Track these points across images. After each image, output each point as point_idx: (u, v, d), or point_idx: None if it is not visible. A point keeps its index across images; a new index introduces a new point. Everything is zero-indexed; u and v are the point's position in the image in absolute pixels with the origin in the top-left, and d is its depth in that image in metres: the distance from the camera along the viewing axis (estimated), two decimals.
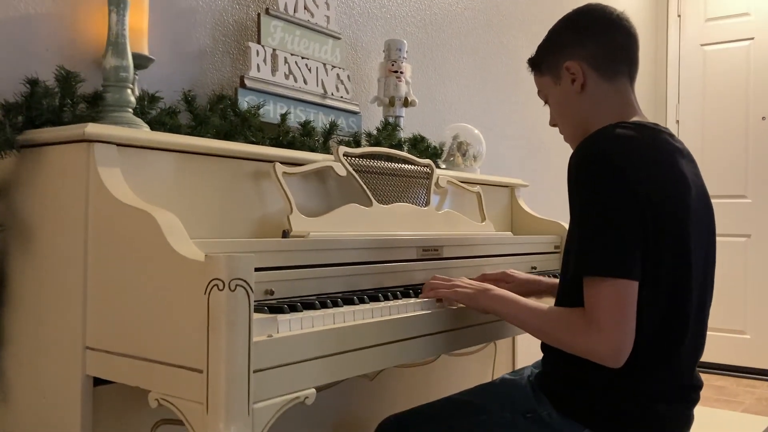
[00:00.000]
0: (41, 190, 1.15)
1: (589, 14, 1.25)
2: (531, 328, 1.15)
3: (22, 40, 1.33)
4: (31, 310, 1.16)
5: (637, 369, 1.08)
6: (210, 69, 1.67)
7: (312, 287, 1.25)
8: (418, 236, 1.51)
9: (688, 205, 1.12)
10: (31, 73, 1.25)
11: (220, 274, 0.87)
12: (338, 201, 1.47)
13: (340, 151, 1.49)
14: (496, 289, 1.22)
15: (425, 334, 1.21)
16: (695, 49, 4.09)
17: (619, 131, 1.11)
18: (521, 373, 1.31)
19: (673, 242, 1.09)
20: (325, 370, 1.02)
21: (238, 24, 1.74)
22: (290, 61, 1.71)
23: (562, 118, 1.28)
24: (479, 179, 2.00)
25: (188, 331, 0.91)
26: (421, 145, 2.01)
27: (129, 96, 1.25)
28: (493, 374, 2.15)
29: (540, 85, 1.31)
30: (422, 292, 1.30)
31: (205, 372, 0.87)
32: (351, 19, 2.10)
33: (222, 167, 1.28)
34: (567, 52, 1.23)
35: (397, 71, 2.02)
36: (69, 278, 1.09)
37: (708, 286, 1.19)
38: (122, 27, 1.25)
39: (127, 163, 1.12)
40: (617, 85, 1.22)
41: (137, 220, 1.00)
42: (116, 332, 1.03)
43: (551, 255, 2.03)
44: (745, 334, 3.86)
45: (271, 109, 1.65)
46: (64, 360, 1.10)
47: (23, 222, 1.17)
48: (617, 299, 1.02)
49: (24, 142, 1.16)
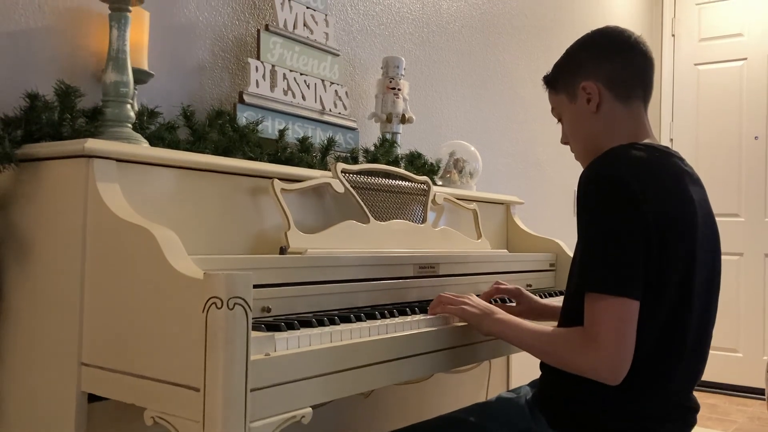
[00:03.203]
0: (39, 204, 1.15)
1: (607, 36, 1.26)
2: (534, 351, 1.16)
3: (22, 54, 1.33)
4: (27, 325, 1.16)
5: (634, 389, 1.08)
6: (209, 84, 1.68)
7: (309, 304, 1.25)
8: (414, 254, 1.51)
9: (694, 228, 1.12)
10: (31, 87, 1.25)
11: (218, 293, 0.87)
12: (336, 217, 1.47)
13: (338, 168, 1.49)
14: (501, 313, 1.23)
15: (422, 352, 1.21)
16: (689, 68, 4.13)
17: (630, 152, 1.12)
18: (518, 391, 1.31)
19: (678, 264, 1.09)
20: (322, 389, 1.01)
21: (237, 40, 1.75)
22: (289, 77, 1.72)
23: (575, 137, 1.29)
24: (475, 196, 2.01)
25: (185, 348, 0.91)
26: (418, 161, 2.02)
27: (129, 111, 1.26)
28: (488, 392, 2.15)
29: (554, 102, 1.32)
30: (430, 308, 1.31)
31: (202, 390, 0.87)
32: (350, 36, 2.11)
33: (220, 183, 1.28)
34: (584, 72, 1.24)
35: (395, 88, 2.03)
36: (66, 293, 1.09)
37: (711, 311, 1.19)
38: (123, 42, 1.25)
39: (125, 178, 1.12)
40: (631, 107, 1.23)
41: (136, 236, 1.00)
42: (112, 349, 1.02)
43: (546, 272, 2.04)
44: (737, 352, 3.87)
45: (269, 124, 1.66)
46: (58, 375, 1.09)
47: (20, 236, 1.17)
48: (617, 317, 1.03)
49: (23, 156, 1.16)
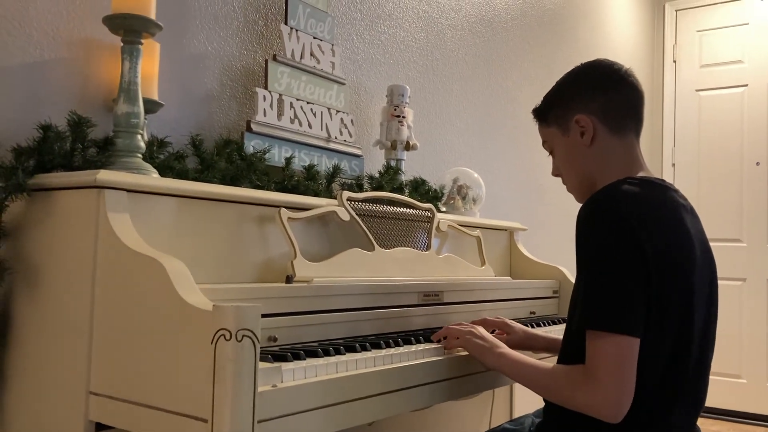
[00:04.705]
0: (50, 233, 1.17)
1: (599, 69, 1.27)
2: (535, 386, 1.16)
3: (36, 84, 1.35)
4: (36, 353, 1.17)
5: (639, 423, 1.09)
6: (217, 113, 1.70)
7: (314, 333, 1.26)
8: (419, 281, 1.53)
9: (692, 262, 1.13)
10: (44, 117, 1.27)
11: (227, 325, 0.88)
12: (341, 245, 1.49)
13: (343, 196, 1.51)
14: (504, 347, 1.24)
15: (427, 382, 1.22)
16: (690, 94, 4.16)
17: (626, 188, 1.13)
18: (521, 422, 1.32)
19: (678, 298, 1.10)
20: (328, 420, 1.02)
21: (245, 69, 1.78)
22: (296, 105, 1.74)
23: (568, 170, 1.29)
24: (479, 223, 2.02)
25: (194, 379, 0.92)
26: (422, 188, 2.04)
27: (139, 141, 1.28)
28: (491, 420, 2.14)
29: (545, 135, 1.32)
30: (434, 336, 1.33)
31: (210, 421, 0.88)
32: (355, 64, 2.14)
33: (228, 212, 1.30)
34: (577, 105, 1.25)
35: (400, 115, 2.05)
36: (75, 322, 1.10)
37: (710, 342, 1.19)
38: (134, 74, 1.28)
39: (135, 207, 1.13)
40: (624, 140, 1.24)
41: (146, 267, 1.01)
42: (121, 378, 1.03)
43: (550, 299, 2.05)
44: (740, 379, 3.85)
45: (276, 152, 1.68)
46: (66, 404, 1.10)
47: (31, 264, 1.18)
48: (618, 355, 1.03)
49: (35, 186, 1.18)
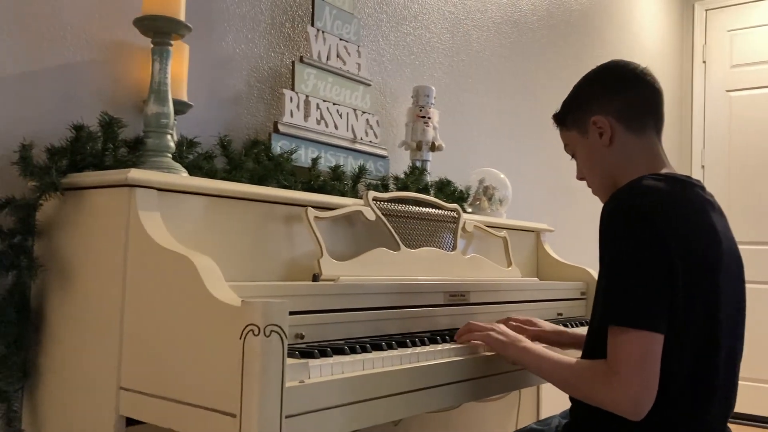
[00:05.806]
0: (82, 231, 1.19)
1: (614, 70, 1.28)
2: (557, 381, 1.16)
3: (69, 86, 1.38)
4: (68, 349, 1.19)
5: (665, 424, 1.07)
6: (245, 114, 1.72)
7: (340, 331, 1.26)
8: (444, 281, 1.53)
9: (718, 258, 1.12)
10: (77, 118, 1.30)
11: (255, 320, 0.89)
12: (367, 244, 1.49)
13: (369, 196, 1.51)
14: (526, 341, 1.23)
15: (453, 381, 1.22)
16: (721, 94, 4.10)
17: (650, 183, 1.12)
18: (548, 422, 1.31)
19: (703, 295, 1.09)
20: (354, 417, 1.02)
21: (272, 71, 1.79)
22: (322, 107, 1.76)
23: (591, 172, 1.29)
24: (505, 224, 2.01)
25: (222, 374, 0.93)
26: (447, 188, 2.03)
27: (169, 141, 1.30)
28: (518, 422, 2.13)
29: (566, 139, 1.33)
30: (457, 335, 1.32)
31: (238, 416, 0.89)
32: (381, 66, 2.15)
33: (255, 210, 1.31)
34: (594, 106, 1.25)
35: (425, 116, 2.05)
36: (106, 319, 1.12)
37: (739, 340, 1.18)
38: (164, 75, 1.30)
39: (165, 206, 1.15)
40: (644, 138, 1.24)
41: (176, 264, 1.03)
42: (151, 373, 1.05)
43: (577, 301, 2.03)
44: None
45: (303, 153, 1.69)
46: (98, 399, 1.12)
47: (64, 262, 1.21)
48: (640, 351, 1.02)
49: (67, 185, 1.20)
